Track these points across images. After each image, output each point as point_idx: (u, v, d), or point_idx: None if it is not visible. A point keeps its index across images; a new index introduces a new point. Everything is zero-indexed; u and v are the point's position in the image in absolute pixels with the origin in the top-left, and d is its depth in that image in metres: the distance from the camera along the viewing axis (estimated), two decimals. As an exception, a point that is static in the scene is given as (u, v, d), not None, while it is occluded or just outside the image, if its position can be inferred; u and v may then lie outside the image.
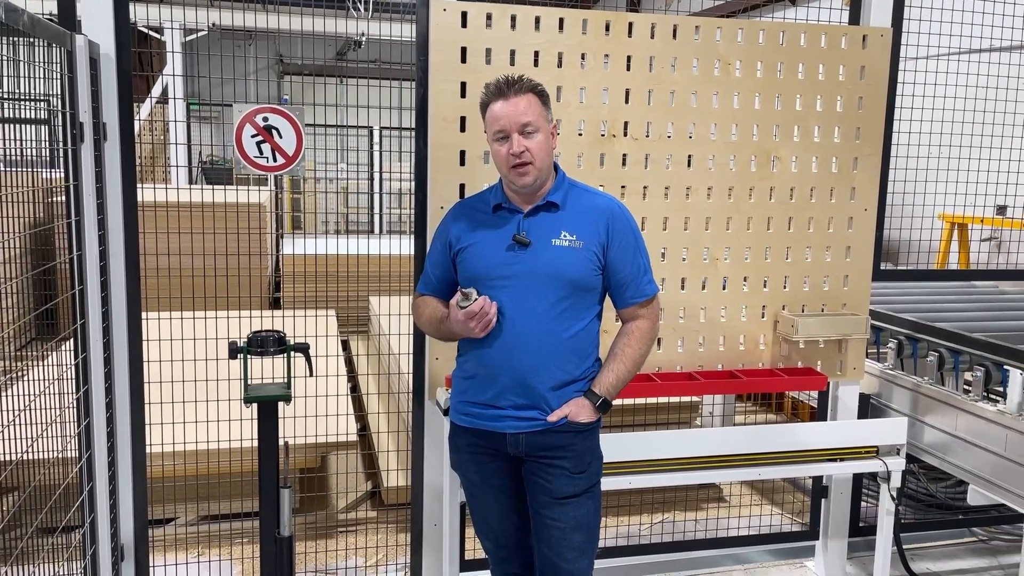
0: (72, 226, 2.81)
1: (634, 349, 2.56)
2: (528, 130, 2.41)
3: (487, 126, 2.49)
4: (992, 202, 5.33)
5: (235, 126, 3.15)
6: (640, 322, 2.58)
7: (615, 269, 2.53)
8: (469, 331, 2.44)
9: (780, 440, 3.46)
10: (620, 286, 2.56)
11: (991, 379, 3.39)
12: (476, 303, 2.39)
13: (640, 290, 2.56)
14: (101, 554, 3.01)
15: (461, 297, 2.41)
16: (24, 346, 6.59)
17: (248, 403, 2.91)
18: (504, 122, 2.41)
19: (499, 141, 2.44)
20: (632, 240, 2.56)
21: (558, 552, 2.52)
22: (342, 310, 6.98)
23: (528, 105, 2.42)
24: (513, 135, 2.40)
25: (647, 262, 2.60)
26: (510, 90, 2.42)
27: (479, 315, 2.39)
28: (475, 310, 2.38)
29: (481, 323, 2.41)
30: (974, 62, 5.04)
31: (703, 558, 4.02)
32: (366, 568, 3.90)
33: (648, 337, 2.59)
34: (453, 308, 2.43)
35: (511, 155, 2.41)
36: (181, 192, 7.21)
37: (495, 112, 2.44)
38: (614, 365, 2.55)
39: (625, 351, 2.56)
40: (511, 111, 2.41)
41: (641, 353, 2.58)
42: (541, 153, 2.44)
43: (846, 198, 3.62)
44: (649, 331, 2.59)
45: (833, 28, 3.54)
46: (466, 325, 2.41)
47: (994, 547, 4.33)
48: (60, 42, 2.59)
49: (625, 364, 2.55)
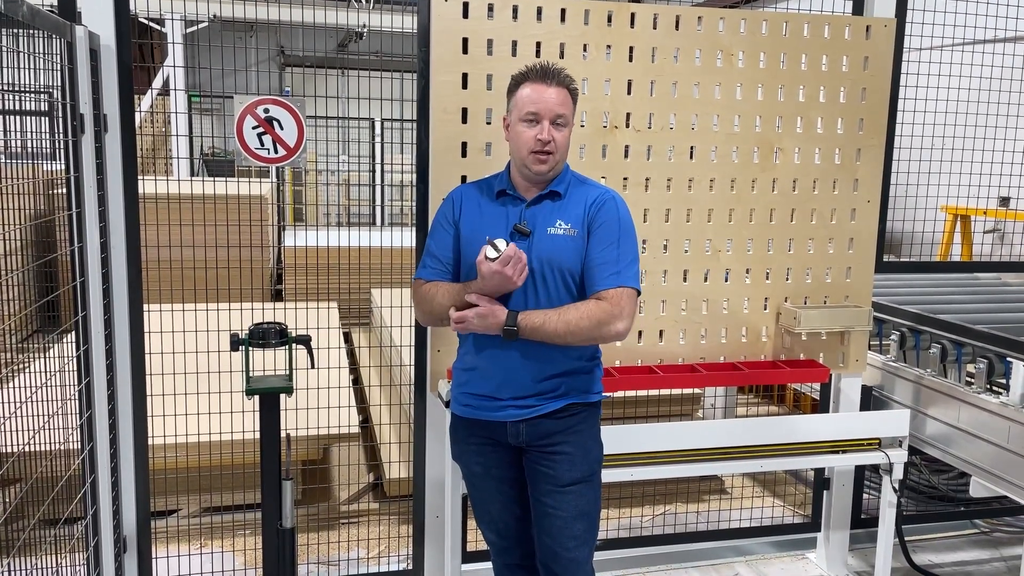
0: (73, 218, 2.81)
1: (574, 315, 2.38)
2: (559, 122, 2.42)
3: (517, 105, 2.44)
4: (995, 193, 5.31)
5: (236, 117, 3.14)
6: (597, 302, 2.41)
7: (587, 253, 2.45)
8: (505, 282, 2.34)
9: (782, 432, 3.46)
10: (587, 272, 2.46)
11: (994, 371, 3.39)
12: (510, 247, 2.32)
13: (598, 280, 2.43)
14: (104, 545, 3.02)
15: (491, 249, 2.32)
16: (27, 338, 6.60)
17: (250, 395, 2.91)
18: (540, 107, 2.40)
19: (527, 123, 2.42)
20: (614, 229, 2.46)
21: (559, 541, 2.52)
22: (345, 302, 6.98)
23: (564, 99, 2.43)
24: (545, 122, 2.40)
25: (625, 256, 2.46)
26: (552, 79, 2.42)
27: (515, 259, 2.31)
28: (511, 254, 2.31)
29: (518, 268, 2.32)
30: (978, 52, 5.01)
31: (705, 550, 4.02)
32: (368, 560, 3.90)
33: (594, 318, 2.37)
34: (483, 264, 2.33)
35: (538, 140, 2.40)
36: (183, 184, 7.20)
37: (531, 94, 2.41)
38: (551, 314, 2.39)
39: (567, 311, 2.39)
40: (549, 98, 2.40)
41: (578, 325, 2.37)
42: (564, 147, 2.45)
43: (849, 190, 3.61)
44: (597, 313, 2.38)
45: (836, 18, 3.52)
46: (503, 274, 2.31)
47: (996, 539, 4.33)
48: (60, 33, 2.58)
49: (558, 320, 2.37)
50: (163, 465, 3.79)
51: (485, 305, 2.40)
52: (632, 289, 2.45)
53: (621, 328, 2.42)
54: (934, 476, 4.52)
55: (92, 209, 2.84)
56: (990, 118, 4.89)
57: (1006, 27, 4.80)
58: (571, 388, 2.52)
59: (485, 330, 2.43)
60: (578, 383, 2.54)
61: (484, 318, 2.40)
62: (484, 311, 2.39)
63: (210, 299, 3.67)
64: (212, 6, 10.45)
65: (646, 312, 3.45)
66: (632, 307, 2.45)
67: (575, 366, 2.53)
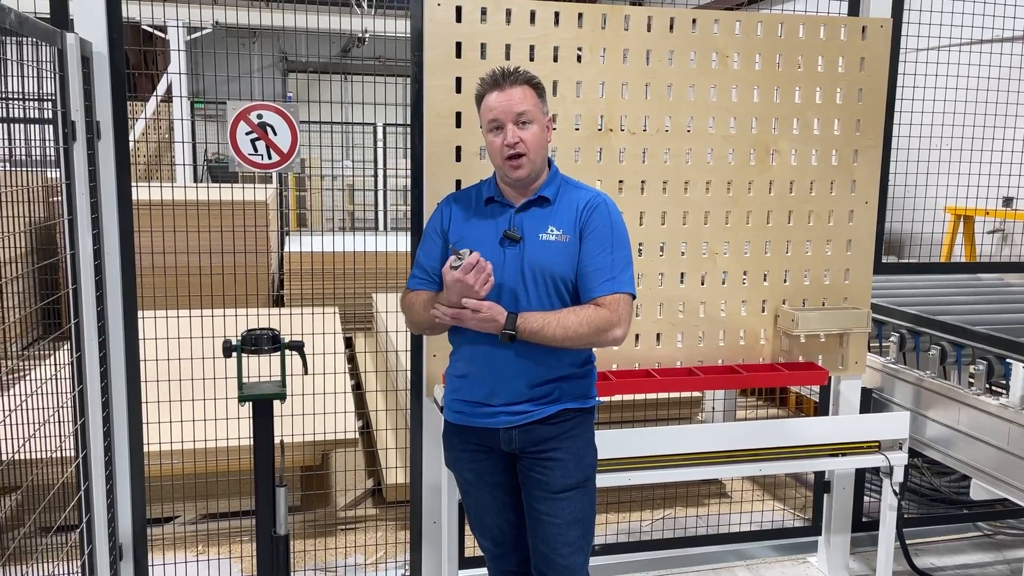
0: (66, 225, 2.81)
1: (573, 320, 2.36)
2: (523, 120, 2.38)
3: (481, 117, 2.45)
4: (998, 194, 5.27)
5: (228, 123, 3.14)
6: (596, 308, 2.40)
7: (580, 260, 2.43)
8: (468, 290, 2.31)
9: (782, 435, 3.44)
10: (581, 278, 2.44)
11: (994, 372, 3.36)
12: (472, 256, 2.29)
13: (594, 288, 2.41)
14: (98, 553, 3.01)
15: (454, 258, 2.32)
16: (28, 345, 6.61)
17: (243, 402, 2.89)
18: (498, 112, 2.38)
19: (493, 132, 2.41)
20: (607, 235, 2.44)
21: (553, 547, 2.50)
22: (348, 307, 6.97)
23: (523, 96, 2.39)
24: (508, 125, 2.37)
25: (619, 262, 2.44)
26: (505, 81, 2.39)
27: (477, 267, 2.29)
28: (472, 262, 2.29)
29: (480, 277, 2.30)
30: (976, 52, 4.99)
31: (705, 554, 4.00)
32: (366, 566, 3.89)
33: (592, 324, 2.37)
34: (447, 273, 2.33)
35: (505, 146, 2.37)
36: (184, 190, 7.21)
37: (489, 102, 2.40)
38: (549, 318, 2.37)
39: (566, 315, 2.38)
40: (505, 101, 2.37)
41: (576, 331, 2.36)
42: (535, 145, 2.40)
43: (846, 191, 3.59)
44: (596, 319, 2.37)
45: (832, 19, 3.50)
46: (464, 283, 2.30)
47: (999, 542, 4.30)
48: (50, 41, 2.58)
49: (556, 325, 2.36)
50: (160, 472, 3.78)
51: (487, 306, 2.35)
52: (628, 295, 2.44)
53: (619, 334, 2.41)
54: (936, 478, 4.49)
55: (84, 216, 2.83)
56: (992, 118, 4.86)
57: (1003, 27, 4.77)
58: (564, 393, 2.51)
59: (483, 330, 2.39)
60: (572, 388, 2.52)
61: (484, 320, 2.36)
62: (485, 313, 2.35)
63: (214, 305, 3.66)
64: (215, 13, 10.48)
65: (643, 315, 3.43)
66: (629, 313, 2.44)
67: (568, 371, 2.51)
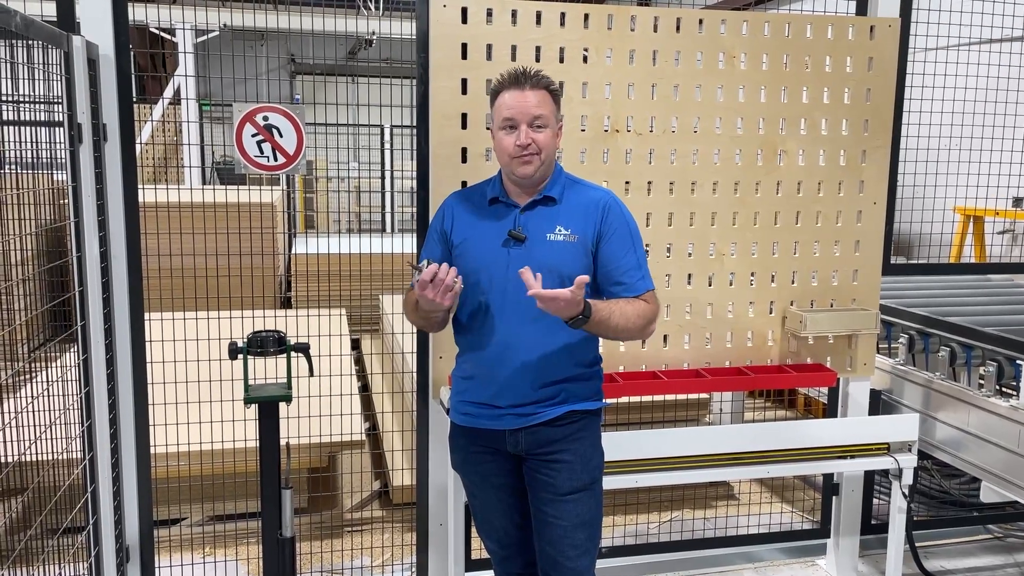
0: (73, 227, 2.81)
1: (632, 312, 2.39)
2: (538, 124, 2.38)
3: (495, 113, 2.43)
4: (1008, 194, 5.24)
5: (235, 126, 3.14)
6: (646, 303, 2.45)
7: (606, 262, 2.45)
8: (430, 303, 2.28)
9: (790, 437, 3.42)
10: (612, 281, 2.46)
11: (1004, 374, 3.34)
12: (426, 271, 2.23)
13: (633, 286, 2.45)
14: (105, 554, 3.01)
15: (415, 272, 2.27)
16: (37, 347, 6.62)
17: (248, 404, 2.90)
18: (515, 111, 2.37)
19: (506, 130, 2.40)
20: (627, 234, 2.48)
21: (560, 550, 2.49)
22: (355, 309, 6.98)
23: (541, 100, 2.39)
24: (522, 126, 2.37)
25: (643, 259, 2.50)
26: (526, 82, 2.38)
27: (434, 284, 2.24)
28: (426, 278, 2.24)
29: (438, 291, 2.25)
30: (985, 52, 4.96)
31: (714, 556, 3.98)
32: (372, 568, 3.89)
33: (646, 317, 2.42)
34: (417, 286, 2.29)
35: (517, 146, 2.37)
36: (192, 192, 7.22)
37: (507, 100, 2.39)
38: (612, 305, 2.38)
39: (624, 306, 2.39)
40: (524, 103, 2.37)
41: (635, 323, 2.40)
42: (548, 148, 2.41)
43: (854, 191, 3.57)
44: (648, 313, 2.43)
45: (840, 19, 3.49)
46: (424, 297, 2.27)
47: (1009, 544, 4.26)
48: (56, 43, 2.59)
49: (618, 313, 2.36)
50: (166, 473, 3.79)
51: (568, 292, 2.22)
52: (652, 290, 2.51)
53: (656, 328, 2.56)
54: (945, 481, 4.46)
55: (91, 218, 2.84)
56: (1002, 118, 4.83)
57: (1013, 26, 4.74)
58: (571, 395, 2.50)
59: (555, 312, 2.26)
60: (578, 390, 2.52)
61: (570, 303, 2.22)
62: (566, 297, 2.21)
63: (221, 307, 3.66)
64: (223, 15, 10.50)
65: (650, 317, 3.41)
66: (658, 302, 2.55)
67: (575, 372, 2.50)
